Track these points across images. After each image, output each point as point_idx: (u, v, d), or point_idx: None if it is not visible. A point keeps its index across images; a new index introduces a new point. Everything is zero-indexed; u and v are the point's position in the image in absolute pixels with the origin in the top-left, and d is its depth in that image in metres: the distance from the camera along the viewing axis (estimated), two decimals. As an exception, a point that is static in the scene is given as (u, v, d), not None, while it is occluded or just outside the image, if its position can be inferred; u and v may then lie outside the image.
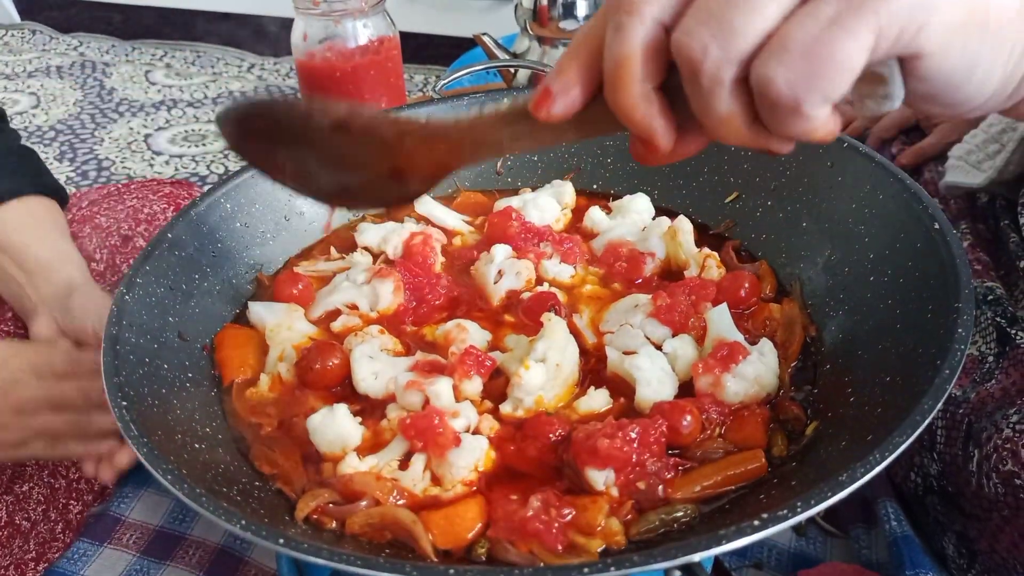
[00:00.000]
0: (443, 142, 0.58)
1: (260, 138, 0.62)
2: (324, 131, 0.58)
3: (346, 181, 0.63)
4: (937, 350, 0.61)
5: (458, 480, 0.68)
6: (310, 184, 0.65)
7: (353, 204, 0.75)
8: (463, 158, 0.59)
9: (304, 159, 0.61)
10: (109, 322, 0.72)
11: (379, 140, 0.58)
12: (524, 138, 0.56)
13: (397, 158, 0.59)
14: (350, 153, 0.60)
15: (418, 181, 0.61)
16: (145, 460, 0.58)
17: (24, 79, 2.68)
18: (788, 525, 0.49)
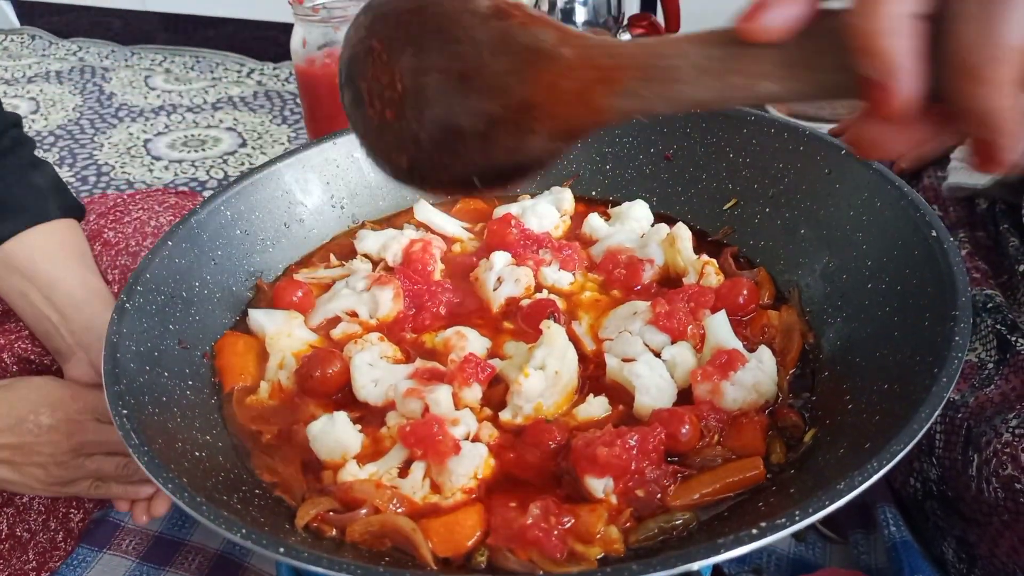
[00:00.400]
0: (606, 60, 0.47)
1: (391, 35, 0.52)
2: (479, 15, 0.50)
3: (461, 117, 0.51)
4: (934, 358, 0.62)
5: (457, 488, 0.68)
6: (409, 125, 0.53)
7: (438, 169, 0.56)
8: (620, 91, 0.46)
9: (428, 69, 0.51)
10: (109, 330, 0.72)
11: (534, 43, 0.48)
12: (712, 73, 0.44)
13: (541, 79, 0.48)
14: (491, 61, 0.49)
15: (545, 130, 0.50)
16: (146, 468, 0.58)
17: (24, 84, 2.68)
18: (786, 534, 0.49)
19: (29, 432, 0.83)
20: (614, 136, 1.04)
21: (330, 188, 1.01)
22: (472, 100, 0.51)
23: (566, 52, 0.48)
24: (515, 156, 0.53)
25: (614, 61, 0.47)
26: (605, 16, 1.47)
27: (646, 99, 0.46)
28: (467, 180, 0.55)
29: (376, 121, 0.55)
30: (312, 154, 0.99)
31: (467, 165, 0.54)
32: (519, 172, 0.54)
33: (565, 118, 0.49)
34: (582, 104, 0.48)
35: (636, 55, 0.46)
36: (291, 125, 2.35)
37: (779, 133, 0.92)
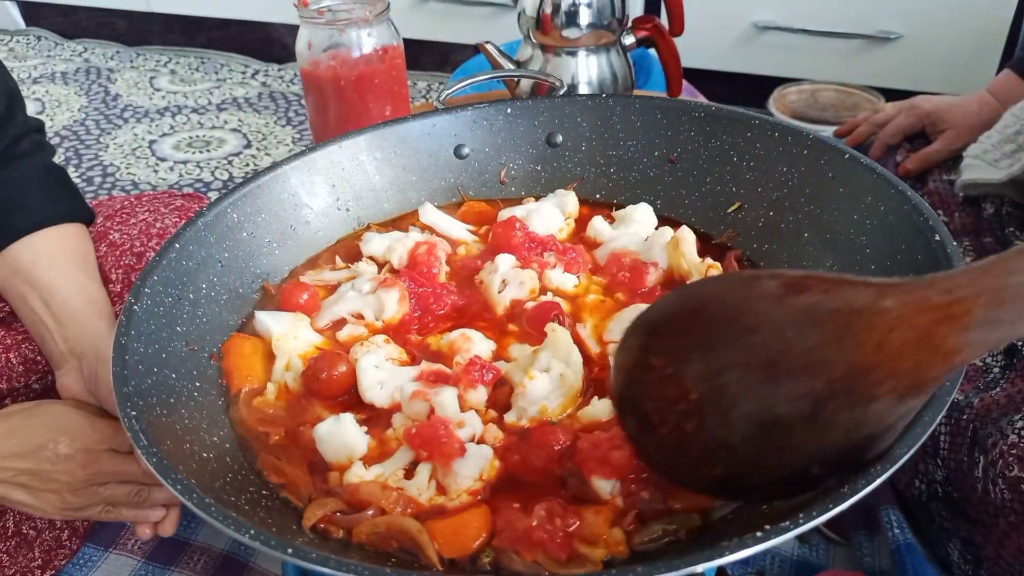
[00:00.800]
0: (942, 298, 0.41)
1: (671, 347, 0.48)
2: (774, 297, 0.45)
3: (778, 407, 0.46)
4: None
5: (463, 489, 0.69)
6: (716, 432, 0.48)
7: (762, 471, 0.49)
8: (973, 324, 0.41)
9: (726, 368, 0.46)
10: (118, 332, 0.72)
11: (846, 306, 0.43)
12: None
13: (866, 341, 0.42)
14: (798, 340, 0.44)
15: (890, 391, 0.44)
16: (155, 470, 0.59)
17: (29, 85, 2.69)
18: (789, 536, 0.49)
19: (47, 460, 0.84)
20: (618, 139, 1.05)
21: (335, 191, 1.01)
22: (787, 385, 0.46)
23: (888, 304, 0.44)
24: (859, 430, 0.47)
25: (952, 295, 0.42)
26: (609, 18, 1.47)
27: (1005, 326, 0.42)
28: (804, 474, 0.49)
29: (674, 440, 0.51)
30: (318, 157, 0.99)
31: (799, 457, 0.48)
32: (870, 446, 0.48)
33: (909, 373, 0.44)
34: (927, 352, 0.43)
35: (978, 280, 0.42)
36: (295, 126, 2.36)
37: (783, 137, 0.93)
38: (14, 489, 0.85)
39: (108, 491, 0.88)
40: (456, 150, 1.07)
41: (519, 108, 1.07)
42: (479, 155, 1.08)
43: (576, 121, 1.06)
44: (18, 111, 1.04)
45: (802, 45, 2.14)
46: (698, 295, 0.50)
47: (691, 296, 0.50)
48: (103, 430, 0.88)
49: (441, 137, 1.06)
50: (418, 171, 1.06)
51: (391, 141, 1.04)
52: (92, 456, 0.86)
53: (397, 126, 1.05)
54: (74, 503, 0.87)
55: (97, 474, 0.86)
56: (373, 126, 1.04)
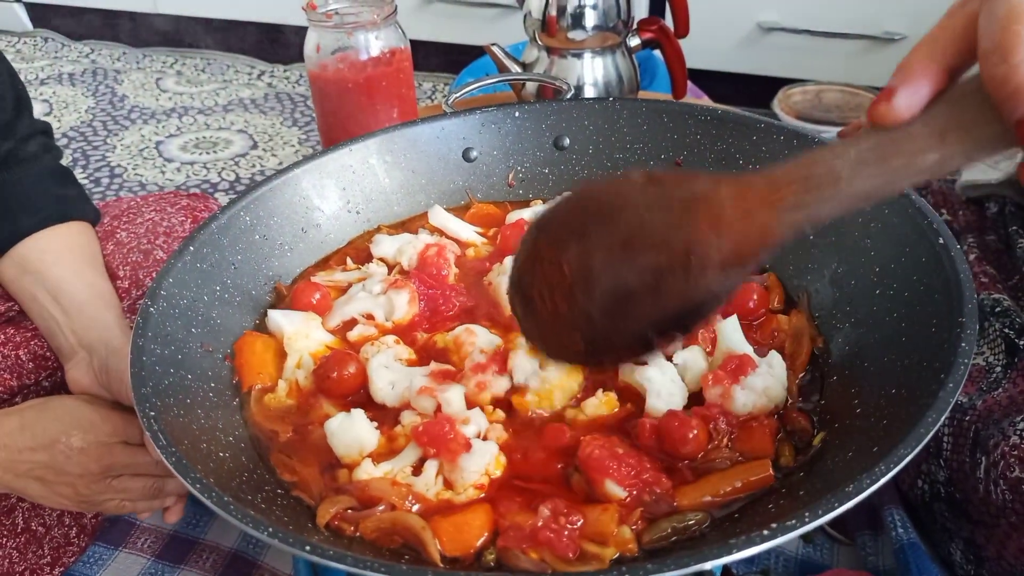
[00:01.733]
0: (763, 184, 0.50)
1: (556, 233, 0.57)
2: (638, 186, 0.54)
3: (630, 279, 0.54)
4: (941, 364, 0.63)
5: (469, 484, 0.70)
6: (580, 307, 0.56)
7: (613, 337, 0.58)
8: (785, 207, 0.49)
9: (594, 249, 0.54)
10: (135, 333, 0.74)
11: (689, 192, 0.52)
12: (870, 163, 0.46)
13: (701, 219, 0.51)
14: (650, 219, 0.53)
15: (716, 264, 0.51)
16: (174, 469, 0.60)
17: (37, 86, 2.70)
18: (796, 535, 0.51)
19: (60, 453, 0.85)
20: (625, 142, 1.06)
21: (346, 193, 1.02)
22: (638, 260, 0.53)
23: (722, 190, 0.51)
24: (691, 298, 0.54)
25: (771, 182, 0.50)
26: (614, 20, 1.48)
27: (811, 206, 0.49)
28: (643, 337, 0.58)
29: (549, 317, 0.59)
30: (328, 160, 1.01)
31: (643, 322, 0.56)
32: (697, 313, 0.56)
33: (733, 246, 0.51)
34: (748, 229, 0.50)
35: (791, 170, 0.49)
36: (302, 127, 2.37)
37: (788, 139, 0.94)
38: (30, 482, 0.86)
39: (122, 484, 0.89)
40: (464, 153, 1.08)
41: (527, 111, 1.08)
42: (487, 158, 1.09)
43: (583, 124, 1.07)
44: (25, 113, 1.05)
45: (806, 46, 2.14)
46: (584, 192, 0.59)
47: (575, 195, 0.59)
48: (115, 423, 0.89)
49: (450, 140, 1.07)
50: (427, 174, 1.07)
51: (400, 144, 1.05)
52: (105, 449, 0.87)
53: (406, 129, 1.06)
54: (88, 495, 0.88)
55: (111, 467, 0.88)
56: (383, 129, 1.05)
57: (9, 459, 0.85)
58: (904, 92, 0.44)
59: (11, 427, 0.86)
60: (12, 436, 0.85)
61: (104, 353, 0.92)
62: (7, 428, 0.86)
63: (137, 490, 0.91)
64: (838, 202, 0.49)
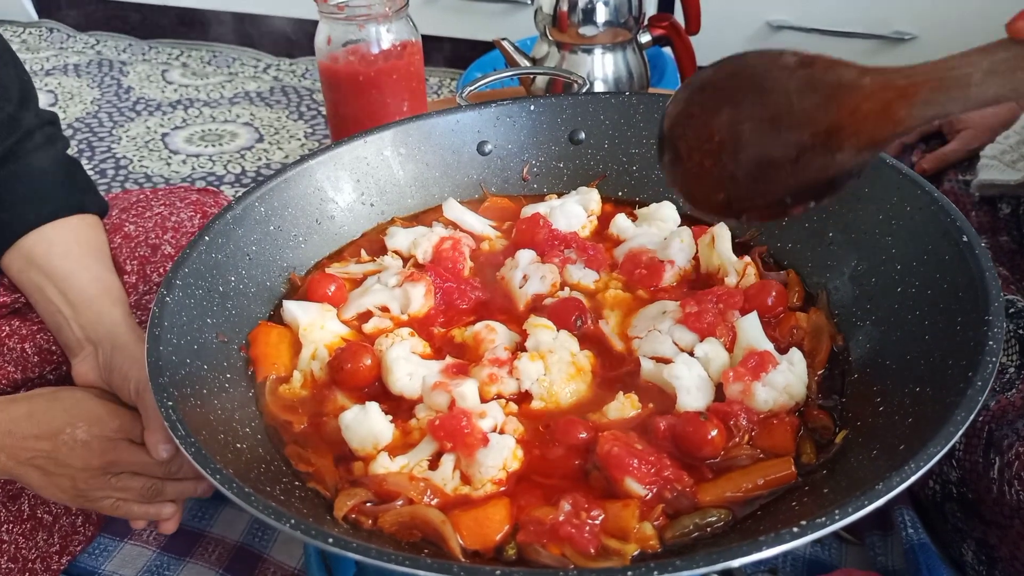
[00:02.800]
0: (902, 80, 0.55)
1: (707, 100, 0.63)
2: (789, 68, 0.59)
3: (774, 151, 0.61)
4: (968, 362, 0.62)
5: (487, 479, 0.70)
6: (726, 168, 0.64)
7: (754, 198, 0.66)
8: (917, 102, 0.54)
9: (743, 119, 0.62)
10: (151, 323, 0.73)
11: (837, 79, 0.57)
12: (1000, 73, 0.51)
13: (844, 106, 0.57)
14: (799, 101, 0.59)
15: (852, 145, 0.58)
16: (193, 459, 0.59)
17: (42, 77, 2.69)
18: (827, 532, 0.50)
19: (64, 444, 0.85)
20: (640, 137, 1.05)
21: (360, 186, 1.02)
22: (783, 135, 0.61)
23: (866, 81, 0.57)
24: (826, 173, 0.61)
25: (910, 79, 0.55)
26: (626, 16, 1.47)
27: (941, 104, 0.54)
28: (781, 201, 0.66)
29: (695, 171, 0.67)
30: (343, 152, 1.00)
31: (781, 189, 0.64)
32: (830, 186, 0.63)
33: (869, 133, 0.58)
34: (884, 119, 0.56)
35: (929, 71, 0.54)
36: (308, 121, 2.37)
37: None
38: (31, 470, 0.86)
39: (121, 482, 0.88)
40: (479, 146, 1.08)
41: (542, 105, 1.07)
42: (502, 152, 1.08)
43: (599, 119, 1.07)
44: (31, 104, 1.04)
45: (816, 45, 2.12)
46: (737, 63, 0.63)
47: (731, 64, 0.64)
48: (122, 419, 0.88)
49: (464, 133, 1.07)
50: (441, 167, 1.07)
51: (415, 137, 1.05)
52: (109, 444, 0.86)
53: (421, 122, 1.05)
54: (86, 491, 0.87)
55: (112, 463, 0.87)
56: (397, 122, 1.05)
57: (13, 445, 0.84)
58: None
59: (18, 413, 0.86)
60: (18, 423, 0.85)
61: (109, 349, 0.91)
62: (14, 414, 0.85)
63: (135, 490, 0.90)
64: (965, 103, 0.54)
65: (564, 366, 0.78)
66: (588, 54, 1.49)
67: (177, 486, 0.92)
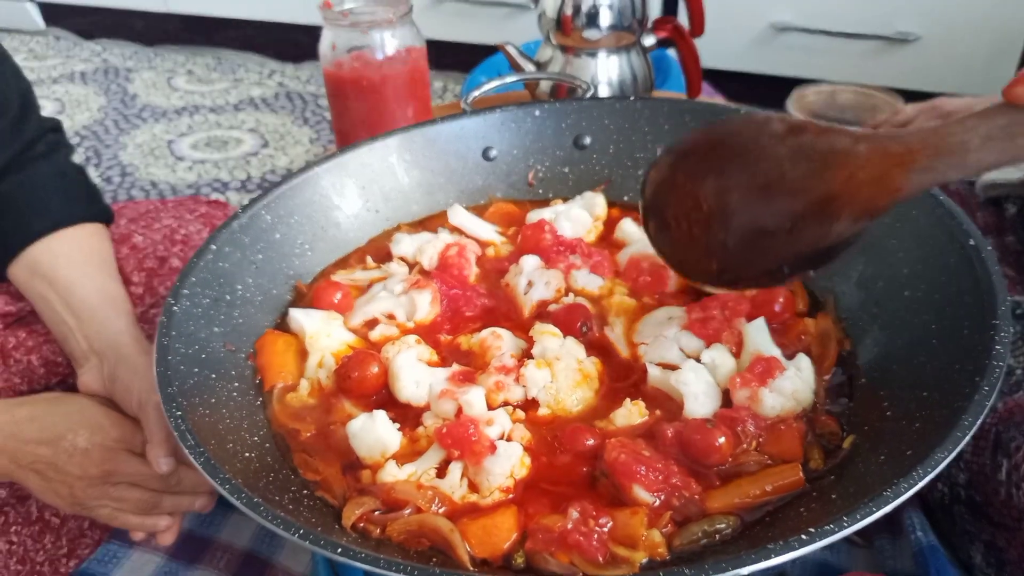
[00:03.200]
0: (898, 147, 0.54)
1: (694, 168, 0.61)
2: (778, 135, 0.58)
3: (766, 220, 0.59)
4: (975, 367, 0.62)
5: (495, 487, 0.70)
6: (716, 236, 0.61)
7: (747, 267, 0.65)
8: (915, 169, 0.54)
9: (732, 188, 0.59)
10: (159, 333, 0.73)
11: (830, 148, 0.56)
12: (999, 139, 0.51)
13: (839, 175, 0.56)
14: (791, 170, 0.57)
15: (849, 215, 0.57)
16: (202, 469, 0.60)
17: (49, 85, 2.71)
18: (836, 539, 0.50)
19: (64, 451, 0.85)
20: (645, 141, 1.05)
21: (366, 192, 1.02)
22: (777, 204, 0.59)
23: (861, 148, 0.56)
24: (822, 242, 0.60)
25: (907, 147, 0.54)
26: (629, 19, 1.47)
27: (939, 171, 0.54)
28: (778, 271, 0.65)
29: (684, 240, 0.65)
30: (348, 159, 1.00)
31: (776, 258, 0.63)
32: (828, 254, 0.63)
33: (866, 201, 0.57)
34: (881, 187, 0.56)
35: (926, 138, 0.54)
36: (312, 126, 2.38)
37: (812, 141, 0.93)
38: (30, 474, 0.86)
39: (119, 492, 0.88)
40: (484, 152, 1.08)
41: (546, 110, 1.08)
42: (507, 157, 1.08)
43: (603, 123, 1.07)
44: (32, 113, 1.04)
45: (820, 46, 2.14)
46: (722, 130, 0.62)
47: (716, 130, 0.62)
48: (124, 429, 0.88)
49: (469, 139, 1.07)
50: (446, 173, 1.07)
51: (420, 143, 1.05)
52: (109, 453, 0.86)
53: (426, 128, 1.05)
54: (83, 499, 0.87)
55: (110, 472, 0.87)
56: (402, 128, 1.05)
57: (15, 448, 0.84)
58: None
59: (20, 416, 0.86)
60: (20, 426, 0.85)
61: (113, 360, 0.91)
62: (17, 417, 0.86)
63: (132, 501, 0.89)
64: (963, 169, 0.54)
65: (571, 373, 0.78)
66: (592, 57, 1.49)
67: (175, 499, 0.92)
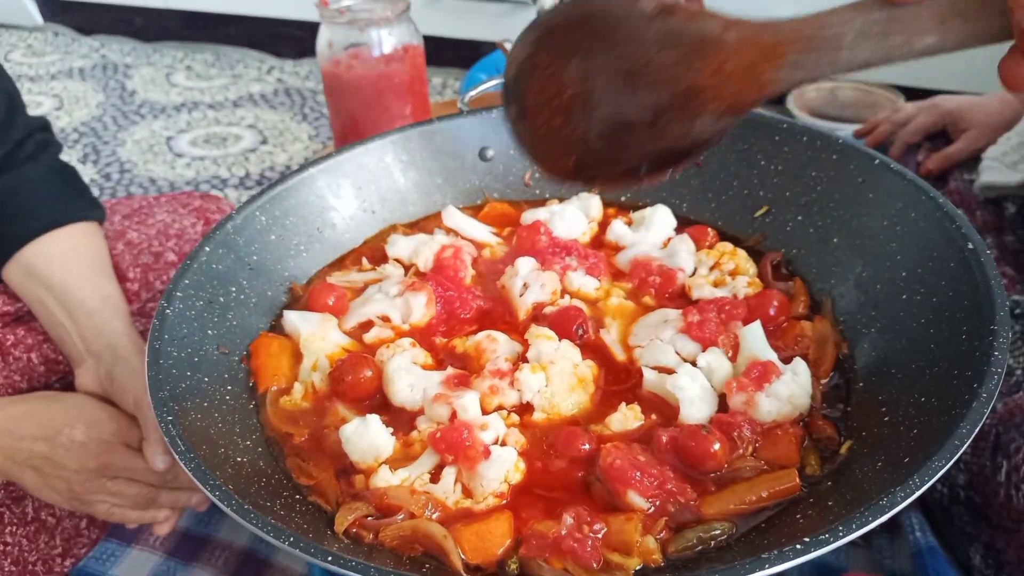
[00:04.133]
0: (769, 37, 0.50)
1: (558, 47, 0.55)
2: (645, 17, 0.53)
3: (629, 112, 0.54)
4: (973, 373, 0.62)
5: (489, 492, 0.69)
6: (577, 128, 0.56)
7: (606, 164, 0.59)
8: (784, 64, 0.50)
9: (597, 72, 0.54)
10: (151, 336, 0.73)
11: (700, 33, 0.51)
12: (873, 36, 0.47)
13: (708, 65, 0.51)
14: (658, 56, 0.52)
15: (713, 110, 0.52)
16: (193, 476, 0.59)
17: (47, 81, 2.70)
18: (831, 549, 0.50)
19: (61, 445, 0.85)
20: (643, 141, 1.04)
21: (362, 193, 1.02)
22: (641, 94, 0.54)
23: (730, 36, 0.51)
24: (684, 139, 0.56)
25: (777, 37, 0.50)
26: None
27: (809, 67, 0.50)
28: (635, 169, 0.59)
29: (543, 130, 0.59)
30: (344, 159, 1.00)
31: (636, 155, 0.58)
32: (687, 153, 0.57)
33: (732, 96, 0.52)
34: (748, 81, 0.51)
35: (798, 28, 0.49)
36: (312, 123, 2.36)
37: (812, 141, 0.92)
38: (27, 471, 0.86)
39: (116, 486, 0.88)
40: (481, 152, 1.07)
41: (544, 110, 1.07)
42: (504, 157, 1.08)
43: (601, 123, 1.06)
44: (18, 114, 1.03)
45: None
46: (589, 7, 0.56)
47: (584, 7, 0.56)
48: (120, 423, 0.88)
49: (466, 140, 1.06)
50: (443, 173, 1.06)
51: (416, 144, 1.04)
52: (106, 447, 0.86)
53: (422, 128, 1.05)
54: (81, 494, 0.87)
55: (108, 466, 0.87)
56: (399, 129, 1.04)
57: (11, 445, 0.84)
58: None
59: (17, 413, 0.86)
60: (16, 422, 0.85)
61: (110, 360, 0.91)
62: (13, 413, 0.86)
63: (130, 496, 0.89)
64: (834, 66, 0.50)
65: (566, 377, 0.77)
66: (591, 55, 1.48)
67: (172, 495, 0.92)
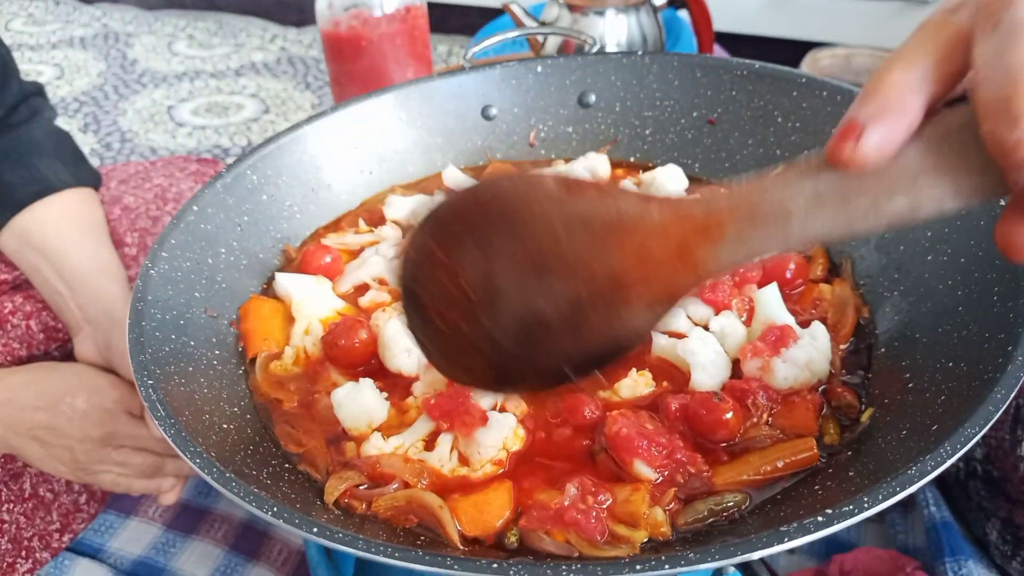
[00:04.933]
0: (700, 211, 0.43)
1: (454, 236, 0.47)
2: (549, 196, 0.45)
3: (541, 305, 0.46)
4: (1007, 335, 0.58)
5: (486, 459, 0.66)
6: (481, 324, 0.47)
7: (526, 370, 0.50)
8: (724, 242, 0.42)
9: (498, 263, 0.46)
10: (134, 298, 0.70)
11: (614, 211, 0.44)
12: (829, 202, 0.39)
13: (626, 245, 0.44)
14: (567, 239, 0.45)
15: (642, 299, 0.45)
16: (173, 442, 0.56)
17: (48, 50, 2.66)
18: (855, 521, 0.46)
19: (63, 414, 0.84)
20: (654, 100, 1.00)
21: (359, 152, 0.98)
22: (550, 283, 0.45)
23: (652, 213, 0.44)
24: (610, 335, 0.47)
25: (710, 209, 0.42)
26: None
27: (753, 244, 0.42)
28: (558, 373, 0.50)
29: (448, 335, 0.49)
30: (340, 117, 0.96)
31: (556, 356, 0.49)
32: (617, 351, 0.49)
33: (662, 281, 0.45)
34: (680, 262, 0.44)
35: (736, 199, 0.42)
36: (315, 91, 2.32)
37: (832, 96, 0.87)
38: (29, 443, 0.85)
39: (121, 456, 0.88)
40: (483, 111, 1.03)
41: (550, 67, 1.02)
42: (507, 116, 1.03)
43: (610, 80, 1.01)
44: (11, 79, 1.01)
45: (836, 8, 2.06)
46: (486, 191, 0.49)
47: (479, 191, 0.49)
48: (122, 391, 0.88)
49: (468, 97, 1.02)
50: (444, 133, 1.02)
51: (416, 101, 1.00)
52: (108, 415, 0.85)
53: (422, 85, 1.01)
54: (86, 463, 0.86)
55: (111, 435, 0.86)
56: (397, 85, 1.00)
57: (11, 416, 0.83)
58: (876, 131, 0.36)
59: (17, 383, 0.85)
60: (17, 392, 0.84)
61: (108, 327, 0.90)
62: (12, 383, 0.85)
63: (135, 465, 0.89)
64: (785, 241, 0.42)
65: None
66: (600, 16, 1.43)
67: (178, 463, 0.92)
